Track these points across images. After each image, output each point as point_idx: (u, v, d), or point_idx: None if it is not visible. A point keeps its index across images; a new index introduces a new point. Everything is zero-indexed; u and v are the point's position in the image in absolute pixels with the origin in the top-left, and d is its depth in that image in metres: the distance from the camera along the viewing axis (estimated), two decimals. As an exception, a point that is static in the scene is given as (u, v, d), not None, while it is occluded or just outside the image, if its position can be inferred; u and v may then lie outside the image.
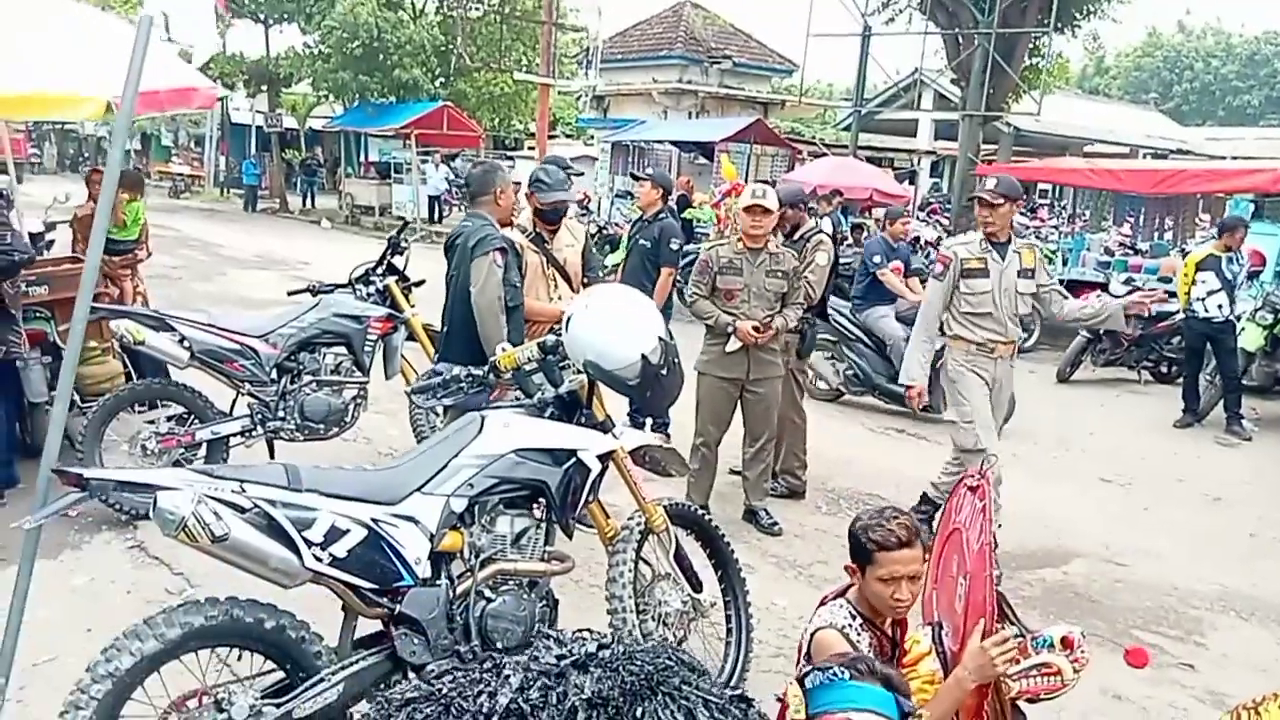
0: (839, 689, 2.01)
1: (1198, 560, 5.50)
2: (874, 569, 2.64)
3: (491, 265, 4.34)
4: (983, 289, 5.14)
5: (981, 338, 5.17)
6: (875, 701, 2.00)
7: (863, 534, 2.67)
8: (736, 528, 5.56)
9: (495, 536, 3.11)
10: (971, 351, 5.19)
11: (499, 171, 4.70)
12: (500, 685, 1.81)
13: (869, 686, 2.00)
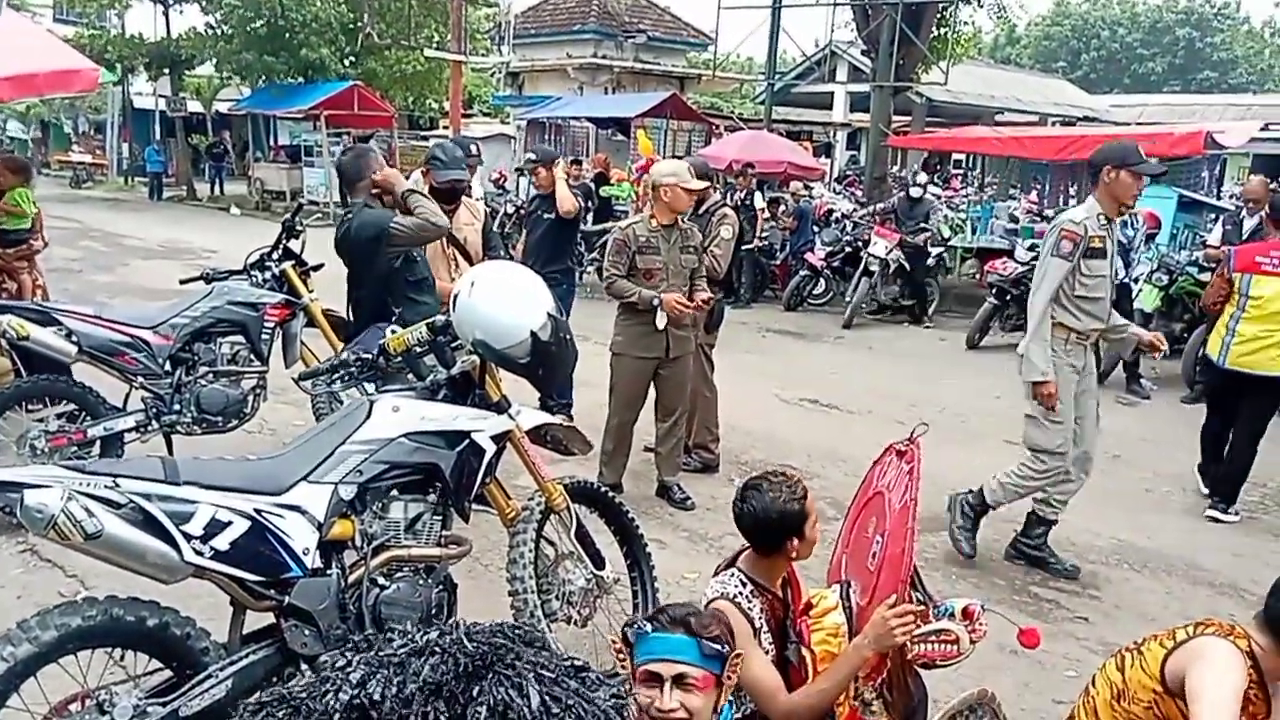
0: (645, 640, 2.12)
1: (1095, 516, 5.68)
2: (809, 520, 2.71)
3: (400, 218, 4.28)
4: (1100, 271, 4.60)
5: (1086, 326, 4.65)
6: (670, 649, 2.08)
7: (792, 503, 2.70)
8: (650, 504, 5.59)
9: (388, 523, 3.07)
10: (1071, 341, 4.66)
11: (369, 154, 4.58)
12: (344, 681, 1.80)
13: (667, 635, 2.09)
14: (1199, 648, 2.39)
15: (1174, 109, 28.50)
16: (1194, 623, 2.51)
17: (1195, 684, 2.31)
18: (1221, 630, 2.42)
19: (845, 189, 19.10)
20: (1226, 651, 2.34)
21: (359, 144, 4.84)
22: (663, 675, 2.05)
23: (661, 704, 2.02)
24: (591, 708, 1.81)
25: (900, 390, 8.57)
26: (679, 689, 2.04)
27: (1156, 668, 2.43)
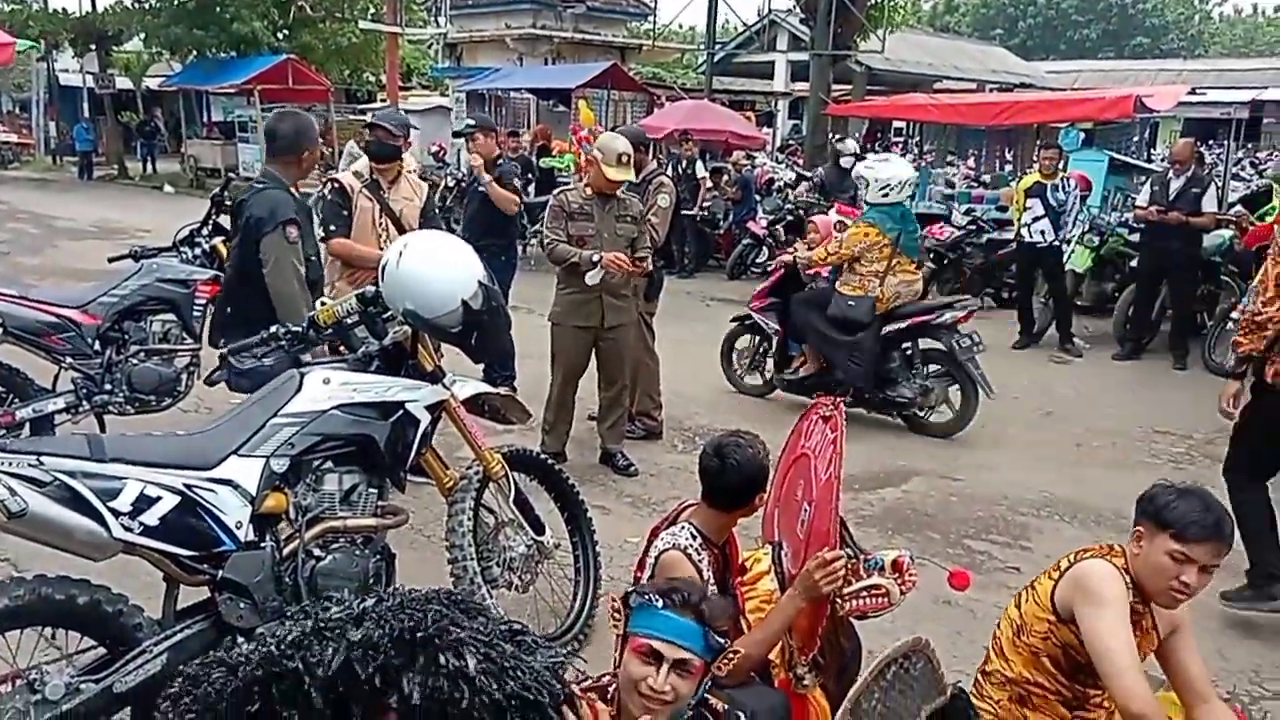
0: (651, 615, 2.07)
1: (1027, 471, 5.84)
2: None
3: (283, 242, 3.94)
4: None
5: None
6: (679, 633, 2.06)
7: (768, 459, 2.79)
8: (593, 471, 5.63)
9: (322, 495, 3.06)
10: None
11: (311, 130, 4.27)
12: (277, 645, 1.80)
13: (678, 618, 2.07)
14: (1079, 574, 2.49)
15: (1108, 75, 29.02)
16: (1075, 551, 2.61)
17: (1087, 625, 2.42)
18: (1099, 552, 2.54)
19: (788, 158, 19.18)
20: (1102, 570, 2.45)
21: (299, 112, 4.48)
22: (664, 656, 2.03)
23: (655, 684, 2.01)
24: (529, 670, 1.83)
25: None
26: (674, 672, 2.04)
27: (1047, 599, 2.53)
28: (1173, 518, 2.36)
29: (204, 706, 1.80)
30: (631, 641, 2.06)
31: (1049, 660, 2.56)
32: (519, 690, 1.78)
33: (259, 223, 3.97)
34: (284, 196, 4.03)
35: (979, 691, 2.75)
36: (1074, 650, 2.50)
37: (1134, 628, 2.45)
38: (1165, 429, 6.79)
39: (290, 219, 3.97)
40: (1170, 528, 2.36)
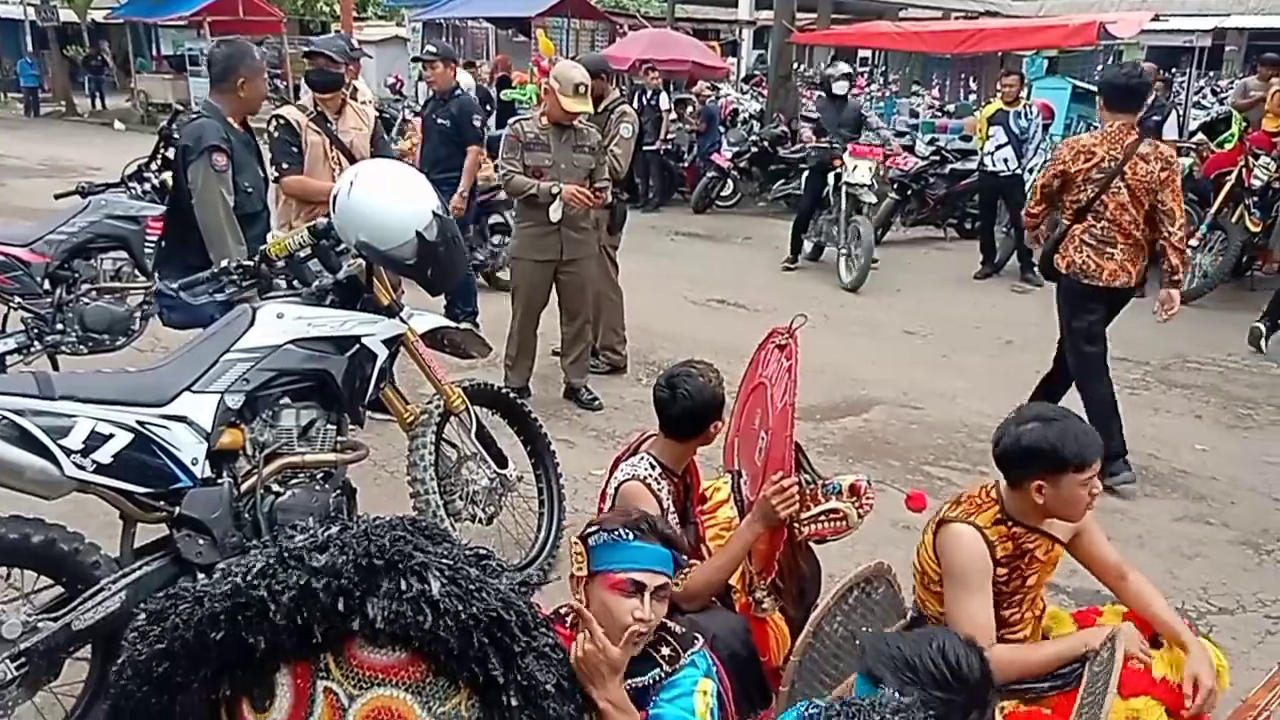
0: (623, 549, 2.06)
1: (987, 399, 5.90)
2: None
3: (208, 170, 3.84)
4: None
5: None
6: (655, 560, 2.07)
7: (720, 387, 2.80)
8: (558, 406, 5.63)
9: (280, 430, 3.03)
10: None
11: (247, 56, 4.09)
12: (242, 573, 1.80)
13: (650, 546, 2.07)
14: (942, 545, 2.48)
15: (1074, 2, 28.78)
16: (953, 500, 2.60)
17: (946, 600, 2.45)
18: (970, 506, 2.51)
19: (752, 89, 18.98)
20: (959, 544, 2.44)
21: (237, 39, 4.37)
22: (646, 585, 2.03)
23: (645, 613, 2.01)
24: (494, 592, 1.83)
25: (806, 288, 8.70)
26: (655, 598, 2.04)
27: (932, 552, 2.54)
28: (1070, 455, 2.36)
29: (170, 637, 1.80)
30: (607, 579, 2.03)
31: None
32: (484, 611, 1.79)
33: (185, 151, 3.92)
34: (211, 124, 3.95)
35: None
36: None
37: (1025, 570, 2.50)
38: (1122, 356, 6.85)
39: (215, 145, 3.88)
40: (1071, 464, 2.38)
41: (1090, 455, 2.39)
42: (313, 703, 1.76)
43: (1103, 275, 4.69)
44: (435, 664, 1.77)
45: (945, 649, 1.77)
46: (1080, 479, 2.39)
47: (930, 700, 1.71)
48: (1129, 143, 4.56)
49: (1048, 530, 2.52)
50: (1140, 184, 4.54)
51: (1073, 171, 4.68)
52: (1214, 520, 4.43)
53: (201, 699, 1.79)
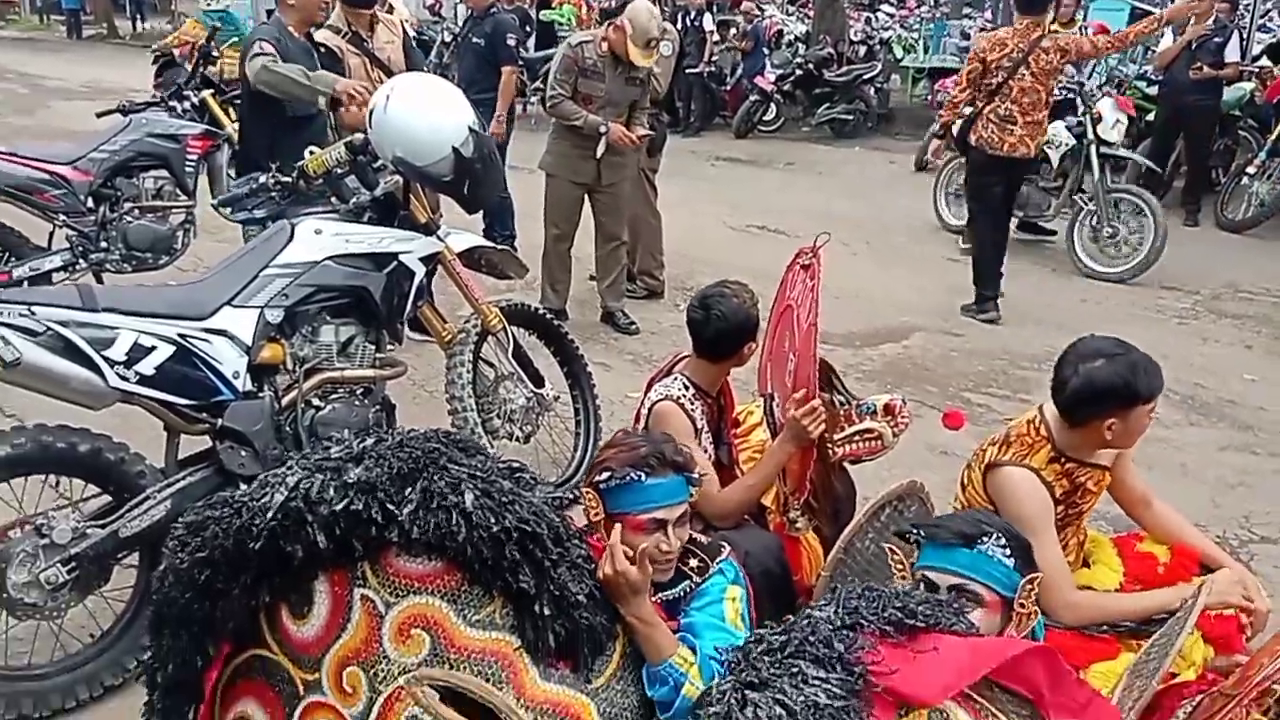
0: (637, 490, 2.06)
1: (1030, 327, 5.83)
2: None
3: (256, 57, 4.00)
4: None
5: None
6: (672, 493, 2.07)
7: (755, 309, 2.78)
8: (594, 329, 5.63)
9: (319, 346, 3.06)
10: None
11: None
12: (280, 484, 1.82)
13: (663, 481, 2.07)
14: (999, 489, 2.45)
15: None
16: (1000, 440, 2.55)
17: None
18: (1021, 446, 2.47)
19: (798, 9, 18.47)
20: (1018, 489, 2.41)
21: None
22: (668, 520, 2.04)
23: (669, 545, 2.03)
24: (527, 504, 1.84)
25: (847, 214, 8.56)
26: (678, 526, 2.06)
27: (982, 489, 2.51)
28: (1143, 389, 2.34)
29: (210, 546, 1.84)
30: (627, 521, 2.03)
31: None
32: (517, 523, 1.81)
33: (242, 57, 4.07)
34: (265, 28, 4.20)
35: None
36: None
37: (1080, 504, 2.50)
38: (1172, 284, 6.74)
39: (262, 39, 4.11)
40: (1142, 397, 2.35)
41: (1159, 385, 2.37)
42: (350, 609, 1.80)
43: (1004, 147, 5.67)
44: (470, 573, 1.80)
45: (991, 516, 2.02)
46: (1148, 409, 2.37)
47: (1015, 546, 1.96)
48: (1034, 38, 5.54)
49: (1098, 462, 2.50)
50: (1041, 70, 5.55)
51: (989, 60, 5.63)
52: (1260, 450, 4.36)
53: (241, 605, 1.83)
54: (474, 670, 1.76)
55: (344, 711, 1.78)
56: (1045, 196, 7.54)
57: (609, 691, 1.87)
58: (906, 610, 1.61)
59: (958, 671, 1.54)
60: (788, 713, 1.42)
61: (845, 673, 1.48)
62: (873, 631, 1.58)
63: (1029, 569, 1.94)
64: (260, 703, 1.87)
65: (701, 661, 1.88)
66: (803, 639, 1.54)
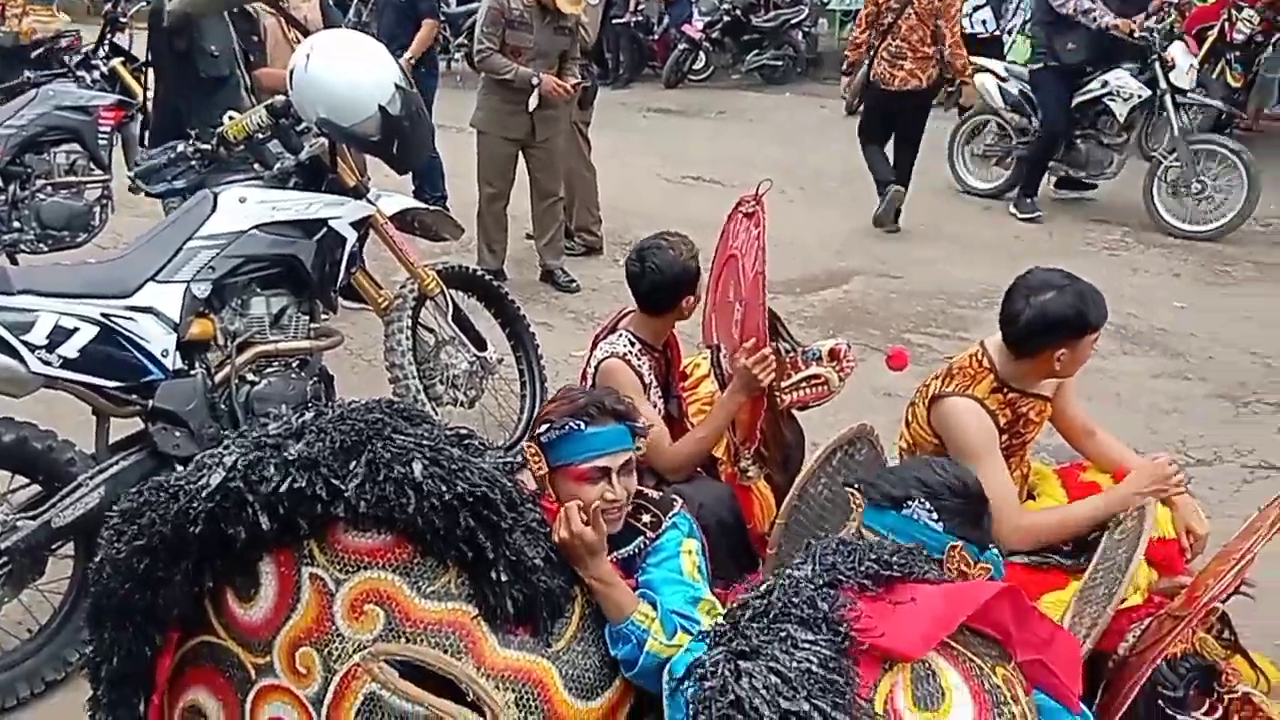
0: (578, 440, 2.03)
1: (966, 265, 5.89)
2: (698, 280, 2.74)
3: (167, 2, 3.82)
4: None
5: None
6: (614, 441, 2.05)
7: (692, 260, 2.73)
8: (534, 289, 5.57)
9: (251, 319, 2.97)
10: None
11: None
12: (218, 464, 1.76)
13: (605, 429, 2.04)
14: (943, 422, 2.47)
15: None
16: (943, 374, 2.58)
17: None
18: (964, 378, 2.49)
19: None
20: (963, 418, 2.43)
21: None
22: (611, 468, 2.02)
23: (614, 494, 2.00)
24: (478, 471, 1.80)
25: (780, 160, 8.53)
26: (622, 475, 2.03)
27: (926, 424, 2.54)
28: (1094, 318, 2.38)
29: (148, 533, 1.77)
30: (570, 472, 2.02)
31: None
32: (469, 491, 1.77)
33: (155, 16, 3.85)
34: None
35: None
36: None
37: (1023, 434, 2.53)
38: (1101, 217, 6.86)
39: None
40: (1091, 326, 2.39)
41: (1105, 314, 2.41)
42: (299, 589, 1.75)
43: (895, 82, 6.21)
44: (422, 544, 1.76)
45: (946, 465, 1.90)
46: (1094, 339, 2.41)
47: (953, 508, 1.84)
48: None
49: (1040, 392, 2.53)
50: (925, 10, 6.04)
51: (880, 1, 6.14)
52: (1192, 375, 4.47)
53: (184, 591, 1.78)
54: (431, 642, 1.73)
55: (299, 693, 1.74)
56: (1106, 153, 6.77)
57: (570, 653, 1.85)
58: (882, 562, 1.61)
59: (936, 622, 1.55)
60: (783, 680, 1.41)
61: (832, 632, 1.48)
62: (851, 587, 1.58)
63: (966, 530, 1.87)
64: (211, 690, 1.82)
65: (663, 617, 1.87)
66: (786, 601, 1.53)
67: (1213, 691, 2.17)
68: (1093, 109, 6.69)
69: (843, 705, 1.39)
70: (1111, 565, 2.28)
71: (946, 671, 1.55)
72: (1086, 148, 6.78)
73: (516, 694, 1.75)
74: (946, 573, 1.84)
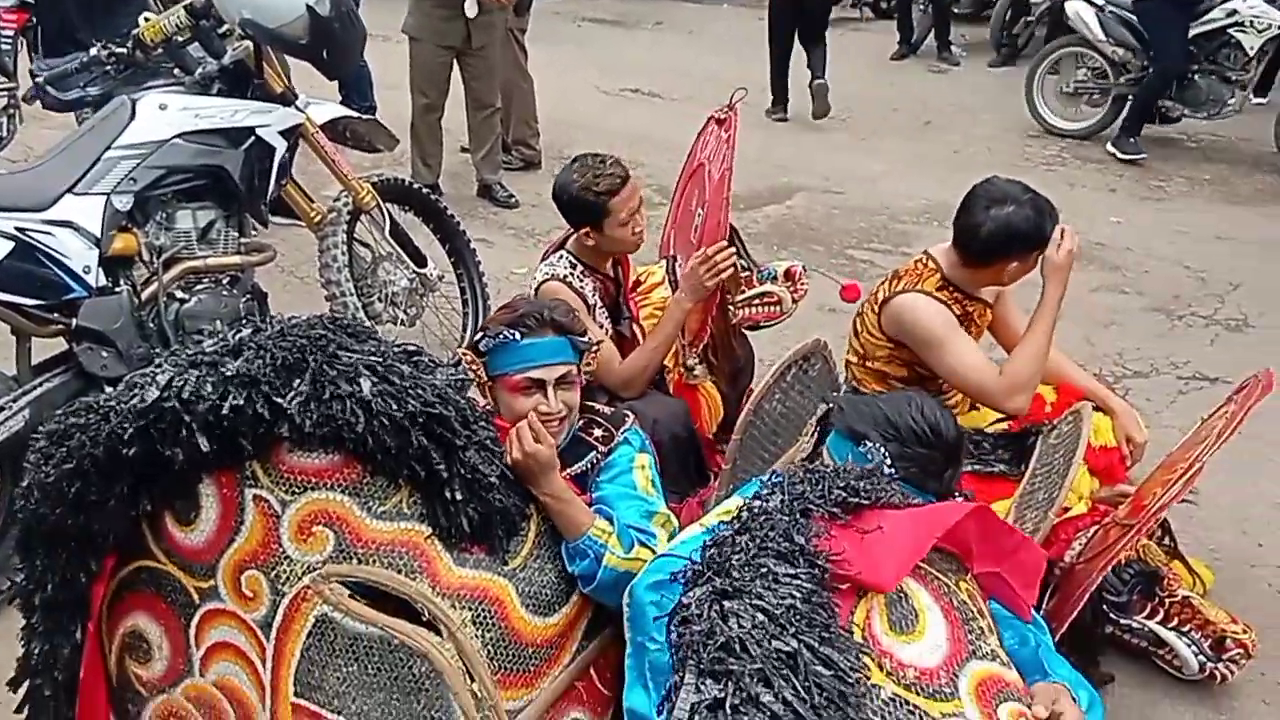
0: (513, 350, 1.99)
1: (906, 180, 5.88)
2: (611, 217, 2.58)
3: None
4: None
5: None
6: (550, 352, 2.00)
7: (587, 193, 2.56)
8: (472, 204, 5.43)
9: (177, 233, 2.83)
10: None
11: None
12: (151, 383, 1.66)
13: (541, 340, 1.99)
14: (900, 318, 2.46)
15: None
16: (889, 278, 2.59)
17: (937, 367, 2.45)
18: (911, 278, 2.51)
19: None
20: (920, 311, 2.43)
21: None
22: (546, 380, 1.98)
23: (548, 406, 1.96)
24: (429, 388, 1.73)
25: (719, 73, 8.37)
26: (559, 389, 1.99)
27: (878, 329, 2.55)
28: (1048, 231, 2.38)
29: (78, 456, 1.68)
30: (505, 382, 2.00)
31: (897, 380, 2.60)
32: (422, 409, 1.71)
33: None
34: None
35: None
36: (917, 364, 2.55)
37: (967, 331, 2.53)
38: (1038, 133, 6.87)
39: None
40: (1042, 243, 2.38)
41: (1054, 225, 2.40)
42: (242, 511, 1.69)
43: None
44: (372, 464, 1.70)
45: (924, 408, 1.80)
46: (1041, 253, 2.40)
47: (913, 456, 1.76)
48: None
49: (984, 297, 2.54)
50: None
51: None
52: (1128, 289, 4.54)
53: (120, 516, 1.70)
54: (384, 563, 1.68)
55: (245, 617, 1.69)
56: (1227, 88, 6.03)
57: (527, 570, 1.82)
58: (850, 489, 1.59)
59: (907, 550, 1.55)
60: (769, 618, 1.39)
61: (810, 565, 1.46)
62: (822, 516, 1.56)
63: (923, 480, 1.80)
64: (152, 615, 1.76)
65: (620, 531, 1.85)
66: (763, 535, 1.50)
67: (1154, 596, 2.24)
68: (1214, 41, 5.93)
69: (829, 639, 1.38)
70: (1050, 470, 2.32)
71: (918, 593, 1.55)
72: (1206, 84, 6.01)
73: (473, 612, 1.71)
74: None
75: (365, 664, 1.65)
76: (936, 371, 2.48)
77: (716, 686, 1.39)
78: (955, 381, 2.46)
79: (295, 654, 1.66)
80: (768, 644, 1.39)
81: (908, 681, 1.50)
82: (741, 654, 1.39)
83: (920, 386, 2.53)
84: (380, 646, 1.64)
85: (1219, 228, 5.26)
